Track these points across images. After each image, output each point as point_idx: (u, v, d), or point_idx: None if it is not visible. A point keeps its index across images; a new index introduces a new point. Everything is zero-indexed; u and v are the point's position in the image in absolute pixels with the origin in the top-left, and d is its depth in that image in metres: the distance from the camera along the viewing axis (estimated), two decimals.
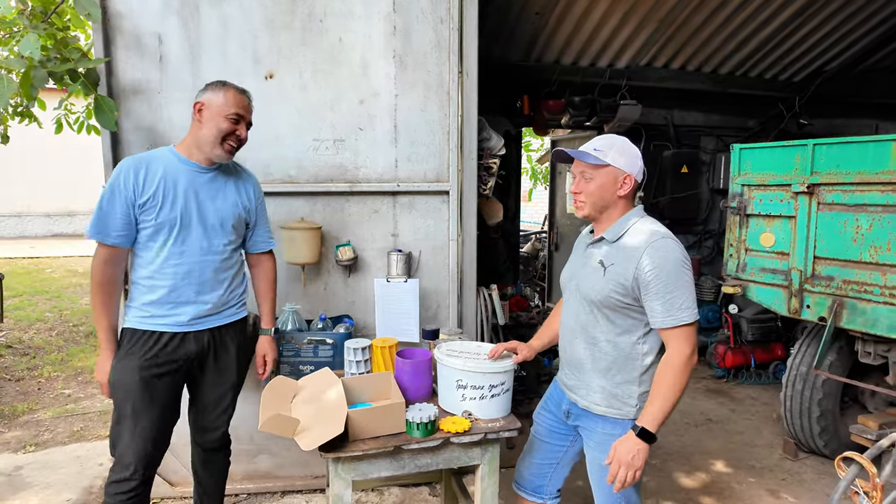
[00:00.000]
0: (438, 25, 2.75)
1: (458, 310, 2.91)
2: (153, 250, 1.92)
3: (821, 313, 2.99)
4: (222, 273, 2.05)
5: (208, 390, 2.11)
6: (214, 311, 2.04)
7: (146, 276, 1.94)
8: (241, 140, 2.01)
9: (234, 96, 1.96)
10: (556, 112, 4.98)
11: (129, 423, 1.89)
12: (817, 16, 4.51)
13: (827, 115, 5.87)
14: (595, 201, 1.73)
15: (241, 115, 1.97)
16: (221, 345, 2.08)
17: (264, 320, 2.28)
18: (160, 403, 1.95)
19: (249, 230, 2.19)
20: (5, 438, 3.60)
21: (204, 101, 1.94)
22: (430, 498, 2.90)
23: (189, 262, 1.95)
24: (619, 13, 4.23)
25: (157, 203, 1.89)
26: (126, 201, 1.87)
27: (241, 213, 2.09)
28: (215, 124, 1.92)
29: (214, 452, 2.23)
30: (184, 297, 1.96)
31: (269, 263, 2.29)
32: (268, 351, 2.27)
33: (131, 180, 1.87)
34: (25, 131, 6.40)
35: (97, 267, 1.89)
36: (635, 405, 1.70)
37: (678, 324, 1.59)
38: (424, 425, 1.73)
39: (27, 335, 5.83)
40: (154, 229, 1.91)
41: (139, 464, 1.88)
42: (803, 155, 3.04)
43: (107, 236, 1.87)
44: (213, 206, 2.00)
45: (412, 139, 2.80)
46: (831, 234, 2.93)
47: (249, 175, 2.20)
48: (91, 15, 2.28)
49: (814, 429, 3.28)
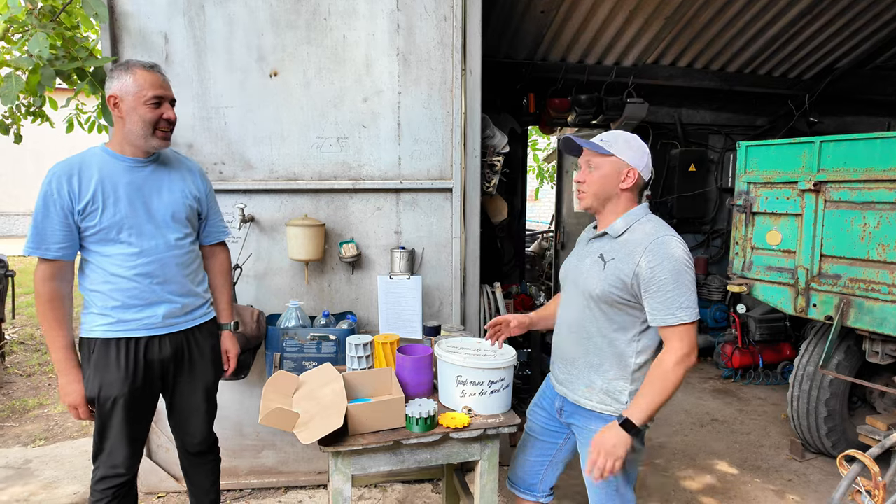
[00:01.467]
0: (442, 23, 2.75)
1: (461, 307, 2.92)
2: (107, 255, 1.81)
3: (827, 312, 2.96)
4: (185, 268, 1.96)
5: (186, 395, 2.04)
6: (186, 311, 1.97)
7: (103, 282, 1.82)
8: (172, 122, 1.86)
9: (146, 77, 1.78)
10: (562, 110, 4.97)
11: (116, 431, 1.85)
12: (827, 13, 4.46)
13: (837, 113, 5.80)
14: (597, 191, 1.72)
15: (161, 95, 1.81)
16: (196, 347, 2.01)
17: (223, 315, 2.18)
18: (146, 410, 1.94)
19: (202, 221, 2.08)
20: (16, 432, 3.65)
21: (116, 94, 1.77)
22: (432, 495, 2.91)
23: (149, 260, 1.85)
24: (626, 11, 4.21)
25: (97, 206, 1.77)
26: (63, 210, 1.74)
27: (191, 204, 1.98)
28: (138, 116, 1.78)
29: (202, 456, 2.17)
30: (153, 296, 1.87)
31: (223, 255, 2.20)
32: (230, 346, 2.18)
33: (65, 188, 1.73)
34: (38, 131, 6.49)
35: (41, 283, 1.76)
36: (626, 402, 1.69)
37: (677, 322, 1.57)
38: (424, 420, 1.73)
39: (38, 332, 5.91)
40: (102, 234, 1.79)
41: (128, 463, 1.89)
42: (810, 152, 3.01)
43: (47, 250, 1.74)
44: (159, 200, 1.88)
45: (415, 137, 2.81)
46: (838, 231, 2.90)
47: (192, 163, 2.08)
48: (98, 15, 2.32)
49: (821, 429, 3.25)
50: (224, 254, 2.21)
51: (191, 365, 2.01)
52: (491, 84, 4.04)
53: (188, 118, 2.67)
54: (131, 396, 1.85)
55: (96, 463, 1.89)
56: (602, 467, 1.57)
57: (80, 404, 1.82)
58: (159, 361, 1.92)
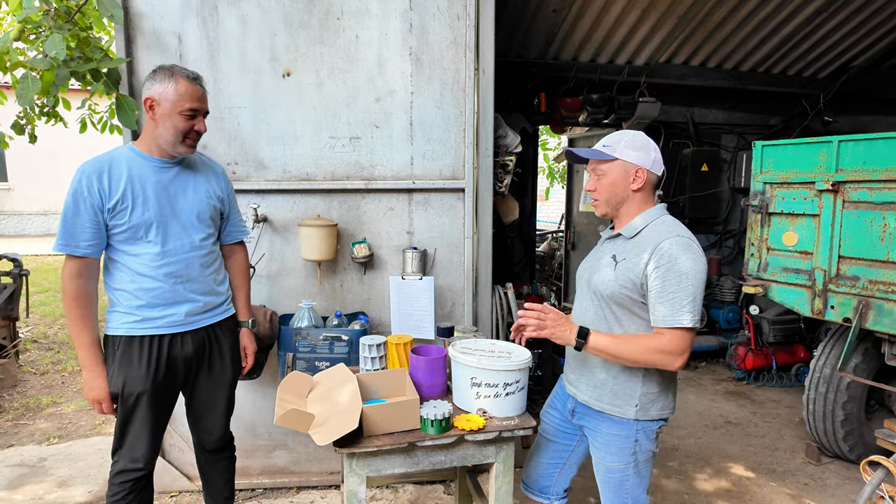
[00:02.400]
0: (455, 22, 2.74)
1: (473, 308, 2.90)
2: (133, 254, 1.85)
3: (846, 314, 2.92)
4: (208, 268, 2.00)
5: (205, 390, 2.07)
6: (208, 308, 2.00)
7: (129, 281, 1.86)
8: (201, 133, 1.91)
9: (187, 88, 1.82)
10: (573, 110, 4.94)
11: (139, 426, 1.89)
12: (843, 10, 4.40)
13: (854, 113, 5.72)
14: (609, 197, 1.71)
15: (197, 108, 1.85)
16: (216, 343, 2.05)
17: (241, 313, 2.22)
18: (167, 406, 1.98)
19: (223, 221, 2.13)
20: (30, 430, 3.68)
21: (154, 97, 1.81)
22: (444, 496, 2.90)
23: (174, 260, 1.89)
24: (638, 9, 4.18)
25: (126, 206, 1.80)
26: (93, 208, 1.77)
27: (215, 205, 2.03)
28: (172, 124, 1.82)
29: (218, 453, 2.21)
30: (176, 296, 1.90)
31: (242, 254, 2.25)
32: (248, 343, 2.22)
33: (95, 185, 1.77)
34: (52, 131, 6.54)
35: (68, 280, 1.79)
36: (636, 404, 1.68)
37: (675, 325, 1.55)
38: (439, 422, 1.72)
39: (52, 330, 5.96)
40: (130, 232, 1.82)
41: (148, 457, 1.93)
42: (828, 152, 2.97)
43: (76, 247, 1.77)
44: (185, 200, 1.93)
45: (428, 136, 2.80)
46: (857, 232, 2.86)
47: (216, 165, 2.13)
48: (113, 16, 2.32)
49: (838, 433, 3.20)
50: (243, 253, 2.27)
51: (211, 361, 2.05)
52: (503, 83, 4.01)
53: None
54: (154, 392, 1.88)
55: (115, 457, 1.92)
56: (531, 320, 1.62)
57: (104, 399, 1.85)
58: (182, 358, 1.96)
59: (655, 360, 1.57)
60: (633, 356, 1.59)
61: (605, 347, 1.60)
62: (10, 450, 3.41)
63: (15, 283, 4.50)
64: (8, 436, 3.60)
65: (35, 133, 4.70)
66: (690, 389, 4.61)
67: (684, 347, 1.56)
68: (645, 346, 1.58)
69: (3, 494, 2.90)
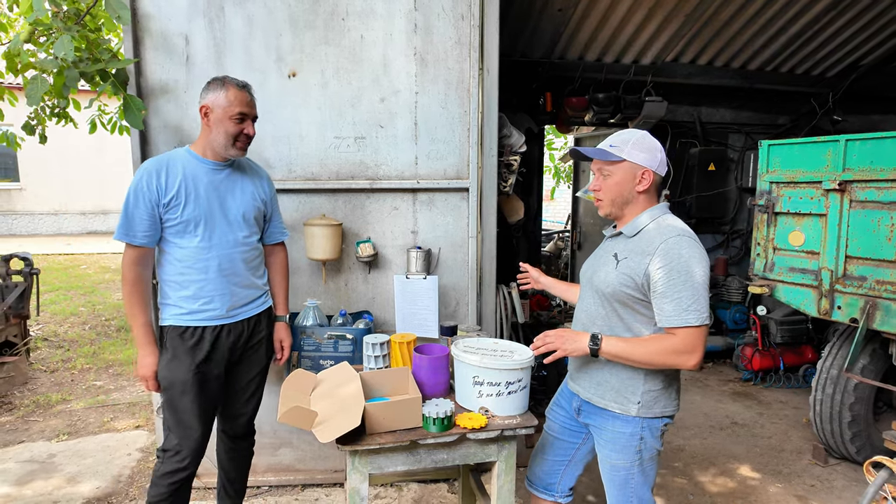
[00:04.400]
0: (459, 22, 2.75)
1: (477, 307, 2.91)
2: (182, 247, 2.00)
3: (853, 314, 2.90)
4: (250, 263, 2.15)
5: (240, 377, 2.21)
6: (248, 301, 2.15)
7: (178, 273, 2.01)
8: (250, 137, 2.06)
9: (236, 95, 1.99)
10: (579, 109, 4.93)
11: (185, 418, 2.00)
12: (852, 8, 4.36)
13: (863, 112, 5.67)
14: (614, 198, 1.71)
15: (246, 113, 2.01)
16: (256, 333, 2.20)
17: (280, 308, 2.37)
18: (212, 398, 2.09)
19: (266, 223, 2.27)
20: (40, 427, 3.73)
21: (208, 105, 1.99)
22: (448, 495, 2.90)
23: (219, 255, 2.03)
24: (645, 8, 4.17)
25: (180, 202, 1.96)
26: (150, 202, 1.93)
27: (259, 207, 2.17)
28: (223, 129, 1.98)
29: (240, 440, 2.32)
30: (219, 289, 2.04)
31: (282, 254, 2.39)
32: (284, 337, 2.36)
33: (154, 182, 1.94)
34: (62, 132, 6.62)
35: (128, 267, 1.97)
36: (638, 401, 1.68)
37: (683, 325, 1.55)
38: (441, 420, 1.73)
39: (62, 328, 6.03)
40: (181, 226, 1.98)
41: (192, 456, 2.03)
42: (835, 151, 2.95)
43: (134, 237, 1.94)
44: (233, 200, 2.08)
45: (432, 136, 2.81)
46: (864, 232, 2.83)
47: (262, 171, 2.29)
48: (121, 17, 2.35)
49: (845, 434, 3.18)
50: (283, 252, 2.41)
51: (249, 350, 2.19)
52: (508, 83, 4.01)
53: None
54: (195, 381, 2.00)
55: (162, 458, 2.03)
56: (540, 346, 1.67)
57: (150, 377, 2.01)
58: (225, 348, 2.09)
59: (671, 361, 1.57)
60: (647, 359, 1.59)
61: (619, 353, 1.61)
62: (20, 446, 3.45)
63: (26, 282, 4.55)
64: (18, 432, 3.65)
65: (45, 134, 4.77)
66: (696, 390, 4.59)
67: (697, 345, 1.56)
68: (658, 347, 1.58)
69: (13, 490, 2.94)
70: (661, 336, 1.60)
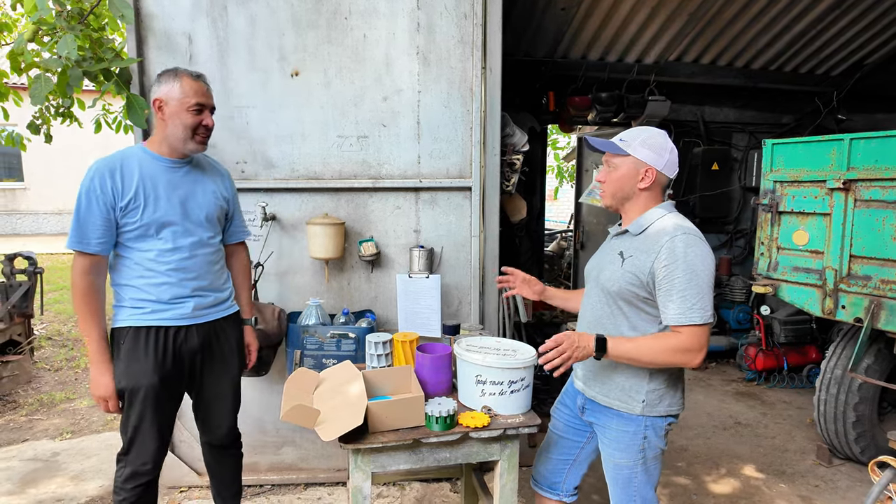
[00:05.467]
0: (462, 21, 2.74)
1: (479, 306, 2.91)
2: (142, 251, 1.87)
3: (857, 314, 2.88)
4: (214, 265, 2.05)
5: (212, 386, 2.09)
6: (214, 304, 2.03)
7: (137, 276, 1.89)
8: (210, 128, 1.95)
9: (191, 85, 1.88)
10: (582, 108, 4.92)
11: (147, 425, 1.89)
12: (856, 7, 4.34)
13: (867, 111, 5.65)
14: (615, 191, 1.72)
15: (203, 103, 1.90)
16: (223, 338, 2.08)
17: (244, 310, 2.26)
18: (174, 401, 1.98)
19: (228, 222, 2.17)
20: (44, 425, 3.74)
21: (162, 98, 1.87)
22: (450, 494, 2.90)
23: (183, 256, 1.92)
24: (648, 7, 4.16)
25: (139, 204, 1.83)
26: (105, 206, 1.79)
27: (222, 205, 2.07)
28: (181, 121, 1.87)
29: (224, 450, 2.22)
30: (184, 291, 1.93)
31: (244, 253, 2.29)
32: (251, 341, 2.25)
33: (108, 183, 1.79)
34: (68, 132, 6.63)
35: (79, 277, 1.82)
36: (643, 400, 1.68)
37: (687, 323, 1.55)
38: (443, 419, 1.73)
39: (66, 327, 6.05)
40: (141, 230, 1.85)
41: (155, 458, 1.93)
42: (839, 150, 2.93)
43: (88, 245, 1.80)
44: (194, 200, 1.97)
45: (435, 135, 2.81)
46: (869, 231, 2.82)
47: (222, 168, 2.18)
48: (124, 16, 2.35)
49: (849, 434, 3.17)
50: (245, 252, 2.30)
51: (216, 356, 2.07)
52: (511, 82, 4.01)
53: None
54: (160, 385, 1.89)
55: (123, 461, 1.93)
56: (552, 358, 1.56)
57: (109, 396, 1.86)
58: (188, 351, 1.97)
59: (676, 360, 1.57)
60: (652, 358, 1.59)
61: (624, 353, 1.60)
62: (24, 444, 3.47)
63: (30, 281, 4.57)
64: (22, 430, 3.67)
65: (50, 133, 4.78)
66: (700, 390, 4.57)
67: (702, 344, 1.56)
68: (663, 346, 1.58)
69: (17, 488, 2.95)
70: (666, 334, 1.60)
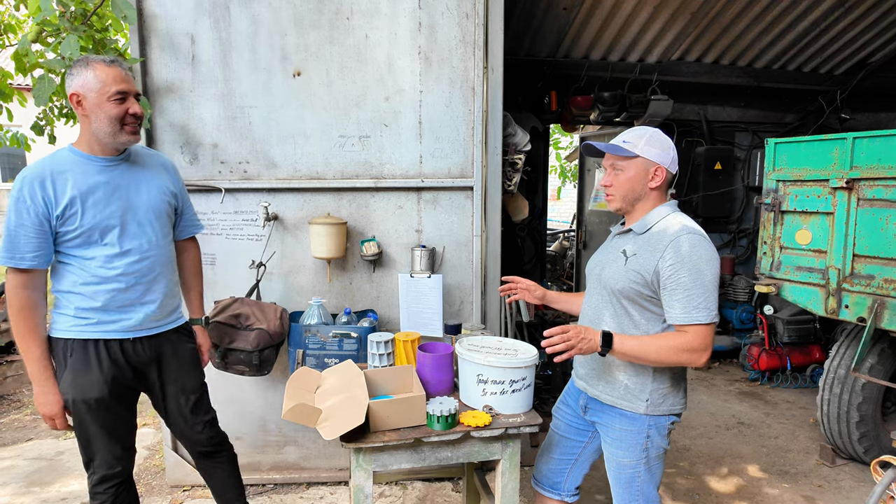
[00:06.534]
0: (464, 21, 2.74)
1: (481, 306, 2.91)
2: (88, 258, 1.76)
3: (860, 313, 2.87)
4: (168, 266, 1.95)
5: (174, 398, 2.01)
6: (165, 314, 1.94)
7: (83, 283, 1.76)
8: (139, 116, 1.79)
9: (107, 72, 1.71)
10: (584, 108, 4.92)
11: (103, 435, 1.81)
12: (861, 5, 4.32)
13: (871, 110, 5.63)
14: (625, 194, 1.71)
15: (125, 90, 1.74)
16: (176, 351, 1.99)
17: (195, 309, 2.16)
18: (125, 409, 1.89)
19: (178, 217, 2.04)
20: (48, 425, 3.75)
21: (78, 92, 1.71)
22: (452, 493, 2.90)
23: (133, 259, 1.82)
24: (650, 7, 4.15)
25: (76, 210, 1.71)
26: (38, 216, 1.68)
27: (170, 201, 1.95)
28: (104, 113, 1.72)
29: (211, 456, 2.15)
30: (133, 298, 1.83)
31: (195, 250, 2.17)
32: (203, 341, 2.15)
33: (38, 193, 1.67)
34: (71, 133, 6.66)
35: (14, 294, 1.69)
36: (647, 399, 1.68)
37: (692, 322, 1.56)
38: (445, 418, 1.73)
39: None
40: (83, 237, 1.74)
41: (125, 458, 1.89)
42: (842, 149, 2.92)
43: (21, 259, 1.68)
44: (138, 198, 1.84)
45: (437, 135, 2.81)
46: (872, 230, 2.81)
47: (165, 158, 2.03)
48: (127, 17, 2.37)
49: (852, 434, 3.16)
50: (196, 248, 2.18)
51: (171, 369, 1.98)
52: (513, 82, 4.02)
53: (214, 118, 2.71)
54: (109, 397, 1.80)
55: (90, 468, 1.86)
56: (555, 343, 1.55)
57: (57, 415, 1.77)
58: (138, 363, 1.89)
59: (681, 359, 1.57)
60: (657, 357, 1.58)
61: (629, 350, 1.59)
62: (28, 443, 3.48)
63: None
64: (27, 430, 3.69)
65: (54, 134, 4.80)
66: (703, 390, 4.56)
67: (707, 343, 1.56)
68: (669, 345, 1.57)
69: (22, 487, 2.96)
70: (672, 334, 1.60)
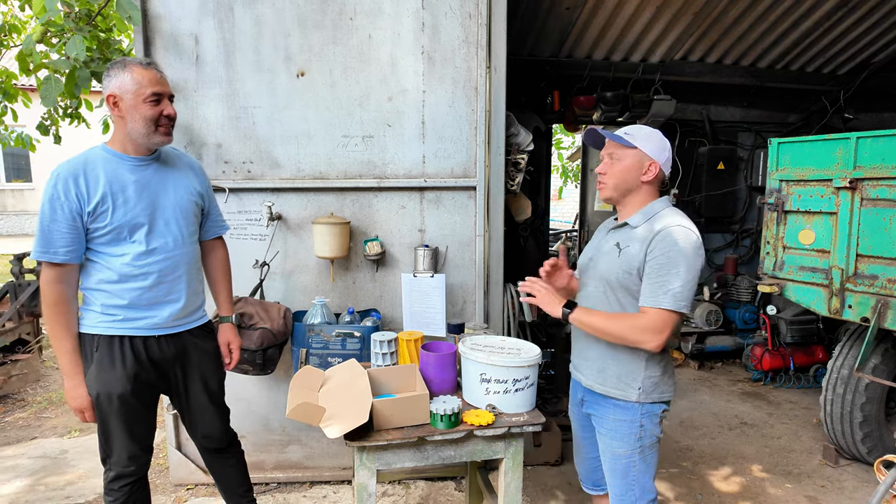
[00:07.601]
0: (467, 21, 2.75)
1: (484, 305, 2.91)
2: (116, 255, 1.80)
3: (864, 314, 2.87)
4: (194, 265, 1.99)
5: (195, 396, 2.04)
6: (189, 312, 1.97)
7: (111, 281, 1.80)
8: (172, 118, 1.85)
9: (143, 74, 1.76)
10: (587, 108, 4.91)
11: (123, 431, 1.85)
12: (864, 5, 4.31)
13: (875, 109, 5.61)
14: (618, 183, 1.75)
15: (160, 92, 1.79)
16: (198, 348, 2.02)
17: (223, 308, 2.19)
18: (147, 408, 1.93)
19: (204, 217, 2.08)
20: (53, 423, 3.78)
21: (115, 93, 1.76)
22: (455, 493, 2.91)
23: (160, 258, 1.85)
24: (653, 7, 4.15)
25: (107, 207, 1.75)
26: (71, 212, 1.72)
27: (196, 201, 1.99)
28: (140, 115, 1.77)
29: (220, 453, 2.18)
30: (159, 296, 1.87)
31: (222, 250, 2.21)
32: (231, 339, 2.18)
33: (72, 190, 1.71)
34: (76, 133, 6.68)
35: (49, 288, 1.74)
36: (639, 387, 1.71)
37: (655, 305, 1.60)
38: (448, 417, 1.74)
39: None
40: (112, 234, 1.78)
41: (141, 458, 1.92)
42: (846, 149, 2.92)
43: (55, 254, 1.72)
44: (166, 198, 1.88)
45: (440, 135, 2.82)
46: (875, 230, 2.81)
47: (192, 160, 2.08)
48: (131, 17, 2.38)
49: (856, 434, 3.15)
50: (223, 248, 2.22)
51: (194, 366, 2.02)
52: (515, 82, 4.01)
53: (217, 118, 2.72)
54: (133, 394, 1.85)
55: (107, 465, 1.90)
56: (536, 291, 1.77)
57: (86, 408, 1.82)
58: (163, 361, 1.93)
59: (634, 338, 1.62)
60: (612, 330, 1.66)
61: (587, 321, 1.69)
62: (32, 442, 3.50)
63: (38, 281, 4.61)
64: (31, 428, 3.70)
65: (59, 134, 4.82)
66: (706, 390, 4.56)
67: (663, 328, 1.60)
68: (627, 322, 1.64)
69: (27, 485, 2.98)
70: (634, 314, 1.66)
